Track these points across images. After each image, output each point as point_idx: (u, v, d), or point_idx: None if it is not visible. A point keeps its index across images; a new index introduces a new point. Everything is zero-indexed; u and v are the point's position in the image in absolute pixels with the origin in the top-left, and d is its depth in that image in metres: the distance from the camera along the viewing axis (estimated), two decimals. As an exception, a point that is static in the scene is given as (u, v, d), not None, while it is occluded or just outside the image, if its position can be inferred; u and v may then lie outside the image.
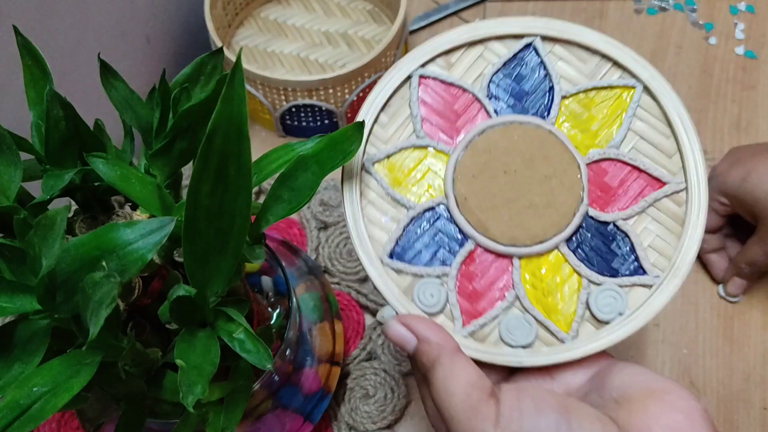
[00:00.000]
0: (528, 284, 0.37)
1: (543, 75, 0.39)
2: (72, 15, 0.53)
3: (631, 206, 0.37)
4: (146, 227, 0.28)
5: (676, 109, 0.38)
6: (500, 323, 0.37)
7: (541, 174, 0.37)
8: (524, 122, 0.38)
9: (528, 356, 0.36)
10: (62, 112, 0.32)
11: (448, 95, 0.39)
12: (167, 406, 0.36)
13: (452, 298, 0.37)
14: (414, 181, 0.38)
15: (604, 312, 0.36)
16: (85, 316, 0.27)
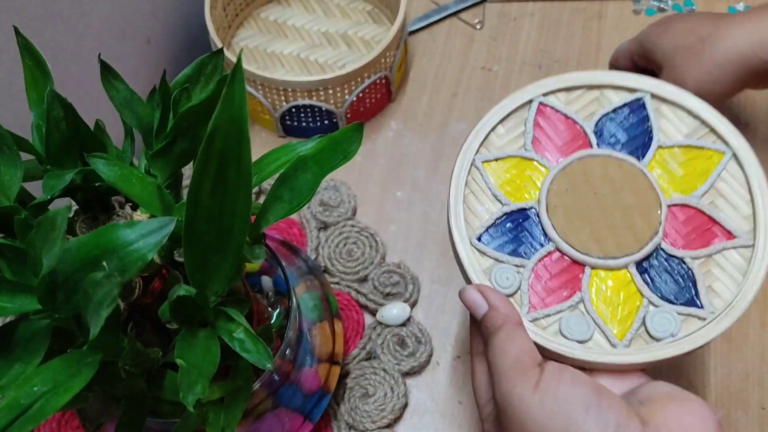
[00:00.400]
0: (594, 292, 0.41)
1: (646, 127, 0.44)
2: (73, 16, 0.53)
3: (699, 248, 0.41)
4: (147, 227, 0.28)
5: (758, 178, 0.42)
6: (562, 319, 0.40)
7: (626, 203, 0.42)
8: (620, 158, 0.43)
9: (581, 351, 0.39)
10: (63, 112, 0.32)
11: (560, 123, 0.45)
12: (167, 405, 0.36)
13: (524, 287, 0.41)
14: (514, 185, 0.43)
15: (658, 330, 0.39)
16: (86, 316, 0.27)
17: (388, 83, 0.65)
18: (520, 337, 0.37)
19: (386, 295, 0.57)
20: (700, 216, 0.42)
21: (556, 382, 0.35)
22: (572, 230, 0.41)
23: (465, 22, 0.73)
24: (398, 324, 0.56)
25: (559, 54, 0.70)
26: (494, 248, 0.42)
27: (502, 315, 0.38)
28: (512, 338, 0.37)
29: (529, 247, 0.42)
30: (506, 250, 0.42)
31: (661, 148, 0.43)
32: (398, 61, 0.65)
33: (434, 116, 0.67)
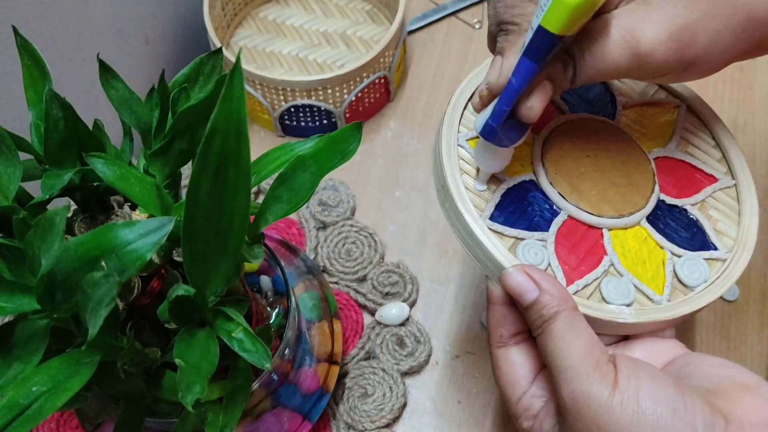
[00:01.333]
0: (620, 253, 0.40)
1: (604, 89, 0.45)
2: (71, 15, 0.53)
3: (693, 195, 0.42)
4: (145, 227, 0.28)
5: (718, 122, 0.44)
6: (601, 284, 0.39)
7: (619, 160, 0.41)
8: (598, 119, 0.43)
9: (631, 314, 0.37)
10: (61, 112, 0.32)
11: None
12: (166, 405, 0.36)
13: (554, 261, 0.39)
14: None
15: (692, 278, 0.40)
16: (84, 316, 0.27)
17: (387, 83, 0.65)
18: (584, 326, 0.34)
19: (385, 295, 0.57)
20: (682, 165, 0.43)
21: (636, 381, 0.32)
22: (580, 195, 0.40)
23: (464, 21, 0.73)
24: (397, 324, 0.56)
25: (558, 54, 0.70)
26: (511, 227, 0.39)
27: (558, 300, 0.34)
28: (576, 328, 0.33)
29: (542, 219, 0.40)
30: (521, 226, 0.40)
31: (625, 108, 0.44)
32: (397, 60, 0.65)
33: (433, 116, 0.67)
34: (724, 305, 0.57)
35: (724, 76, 0.68)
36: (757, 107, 0.66)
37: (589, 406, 0.32)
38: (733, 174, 0.43)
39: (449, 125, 0.41)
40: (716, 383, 0.34)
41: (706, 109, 0.45)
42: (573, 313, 0.34)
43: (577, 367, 0.32)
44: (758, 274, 0.58)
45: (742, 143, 0.64)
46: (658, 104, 0.45)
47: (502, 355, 0.37)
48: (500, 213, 0.40)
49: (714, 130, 0.44)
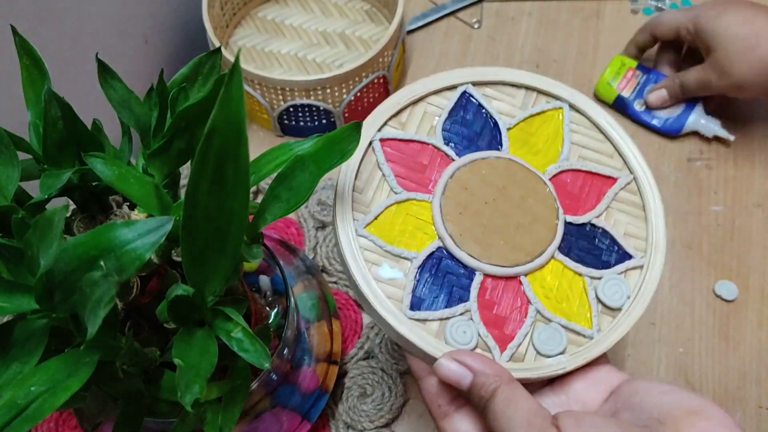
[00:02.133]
0: (541, 297, 0.40)
1: (484, 114, 0.43)
2: (70, 15, 0.53)
3: (597, 205, 0.42)
4: (144, 227, 0.28)
5: (602, 116, 0.44)
6: (533, 339, 0.39)
7: (517, 197, 0.41)
8: (486, 157, 0.42)
9: (569, 360, 0.38)
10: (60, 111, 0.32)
11: (410, 150, 0.42)
12: (165, 405, 0.36)
13: (482, 330, 0.38)
14: (407, 233, 0.40)
15: (615, 299, 0.40)
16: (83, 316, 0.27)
17: (386, 82, 0.65)
18: (522, 397, 0.34)
19: (384, 295, 0.57)
20: (579, 175, 0.43)
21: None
22: (490, 250, 0.39)
23: (463, 21, 0.73)
24: (396, 323, 0.56)
25: (557, 53, 0.70)
26: (430, 309, 0.38)
27: (493, 377, 0.34)
28: (513, 401, 0.34)
29: (460, 288, 0.39)
30: (442, 304, 0.39)
31: (510, 129, 0.43)
32: (396, 60, 0.65)
33: (432, 115, 0.67)
34: (723, 305, 0.57)
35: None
36: (756, 108, 0.66)
37: None
38: (630, 167, 0.43)
39: (342, 218, 0.39)
40: (665, 411, 0.34)
41: (588, 103, 0.44)
42: (509, 387, 0.34)
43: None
44: (757, 274, 0.58)
45: (741, 143, 0.64)
46: (542, 114, 0.44)
47: (447, 425, 0.37)
48: (419, 296, 0.39)
49: (599, 125, 0.44)
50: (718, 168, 0.63)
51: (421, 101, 0.43)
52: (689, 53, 0.66)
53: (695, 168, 0.64)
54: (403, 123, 0.42)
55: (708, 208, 0.62)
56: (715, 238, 0.60)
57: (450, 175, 0.41)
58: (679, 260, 0.59)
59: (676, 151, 0.65)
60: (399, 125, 0.42)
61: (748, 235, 0.60)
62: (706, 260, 0.59)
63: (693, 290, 0.58)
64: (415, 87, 0.43)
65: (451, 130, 0.42)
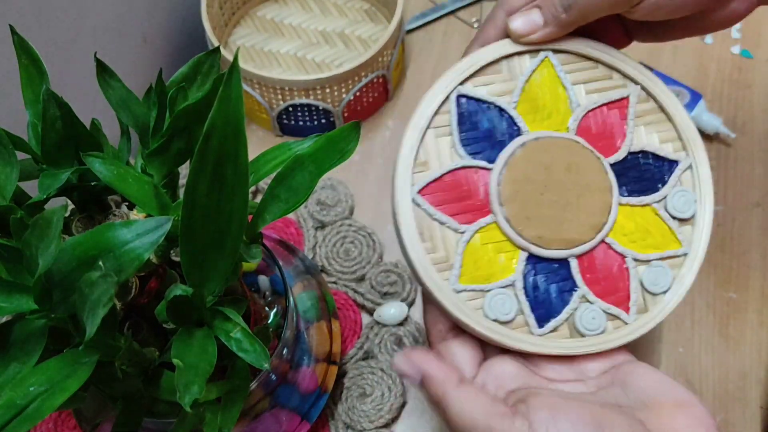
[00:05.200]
0: (629, 245, 0.40)
1: (486, 107, 0.41)
2: (68, 14, 0.53)
3: (625, 133, 0.42)
4: (143, 227, 0.28)
5: (584, 45, 0.42)
6: (645, 286, 0.40)
7: (562, 170, 0.40)
8: (513, 151, 0.40)
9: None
10: (59, 111, 0.32)
11: (446, 185, 0.40)
12: (164, 405, 0.36)
13: (603, 306, 0.39)
14: (494, 263, 0.39)
15: (686, 210, 0.41)
16: (82, 316, 0.27)
17: (386, 82, 0.65)
18: (472, 397, 0.34)
19: (384, 295, 0.57)
20: (596, 113, 0.42)
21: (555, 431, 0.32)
22: (568, 233, 0.39)
23: (462, 20, 0.73)
24: (396, 323, 0.56)
25: (557, 53, 0.70)
26: (557, 317, 0.39)
27: (440, 381, 0.35)
28: (465, 403, 0.34)
29: (563, 280, 0.40)
30: (560, 306, 0.39)
31: (516, 106, 0.41)
32: (395, 59, 0.65)
33: (431, 115, 0.67)
34: (723, 304, 0.57)
35: (722, 75, 0.68)
36: (756, 107, 0.66)
37: None
38: (631, 78, 0.42)
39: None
40: (653, 397, 0.35)
41: (567, 42, 0.41)
42: (458, 390, 0.34)
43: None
44: (758, 273, 0.58)
45: (741, 143, 0.64)
46: (532, 75, 0.41)
47: (443, 348, 0.38)
48: (540, 313, 0.39)
49: (587, 54, 0.42)
50: (718, 168, 0.63)
51: (428, 131, 0.40)
52: None
53: (695, 168, 0.63)
54: (423, 163, 0.40)
55: (708, 207, 0.62)
56: (715, 238, 0.60)
57: (496, 185, 0.39)
58: (679, 260, 0.59)
59: (675, 150, 0.64)
60: (422, 167, 0.40)
61: (748, 235, 0.60)
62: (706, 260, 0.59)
63: (693, 290, 0.58)
64: (417, 122, 0.40)
65: (470, 142, 0.40)
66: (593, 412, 0.33)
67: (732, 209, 0.61)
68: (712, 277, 0.58)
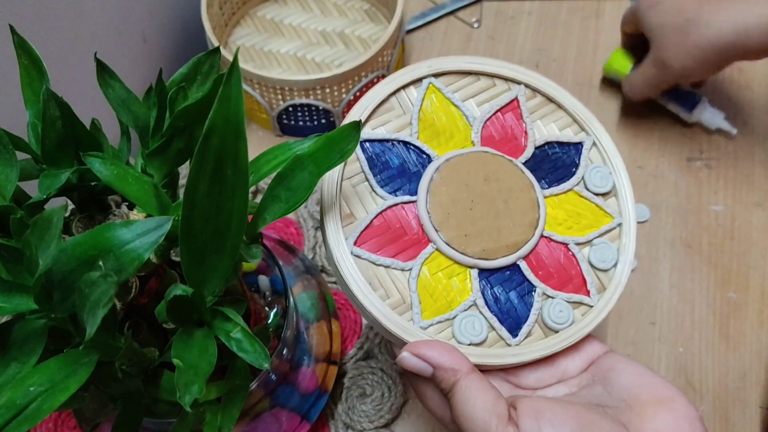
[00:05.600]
0: (566, 232, 0.41)
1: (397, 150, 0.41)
2: (68, 14, 0.53)
3: (525, 128, 0.43)
4: (143, 227, 0.28)
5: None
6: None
7: (481, 182, 0.40)
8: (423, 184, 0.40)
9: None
10: (59, 111, 0.32)
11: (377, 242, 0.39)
12: (164, 405, 0.36)
13: (564, 297, 0.40)
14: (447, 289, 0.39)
15: (603, 184, 0.42)
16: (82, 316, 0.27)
17: (386, 82, 0.65)
18: (479, 393, 0.34)
19: (384, 295, 0.57)
20: (490, 120, 0.43)
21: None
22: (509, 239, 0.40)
23: (462, 20, 0.73)
24: (396, 323, 0.56)
25: (557, 52, 0.70)
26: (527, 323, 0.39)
27: (450, 371, 0.35)
28: (471, 399, 0.34)
29: (519, 285, 0.40)
30: (525, 312, 0.39)
31: (419, 136, 0.42)
32: (395, 59, 0.65)
33: (431, 115, 0.67)
34: (723, 305, 0.57)
35: (722, 75, 0.68)
36: (756, 107, 0.66)
37: None
38: (514, 80, 0.44)
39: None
40: (634, 396, 0.35)
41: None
42: (467, 381, 0.35)
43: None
44: (758, 273, 0.58)
45: (741, 143, 0.64)
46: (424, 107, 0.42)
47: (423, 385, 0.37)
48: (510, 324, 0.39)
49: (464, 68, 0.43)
50: (718, 168, 0.63)
51: (343, 183, 0.40)
52: None
53: (695, 167, 0.63)
54: (349, 215, 0.39)
55: (708, 207, 0.62)
56: (715, 238, 0.60)
57: (426, 214, 0.39)
58: (679, 260, 0.59)
59: (675, 150, 0.64)
60: (349, 219, 0.39)
61: (748, 235, 0.60)
62: (706, 260, 0.59)
63: (693, 290, 0.58)
64: (330, 177, 0.39)
65: (387, 182, 0.40)
66: (578, 414, 0.33)
67: (732, 209, 0.61)
68: (712, 277, 0.58)
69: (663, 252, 0.60)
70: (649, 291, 0.58)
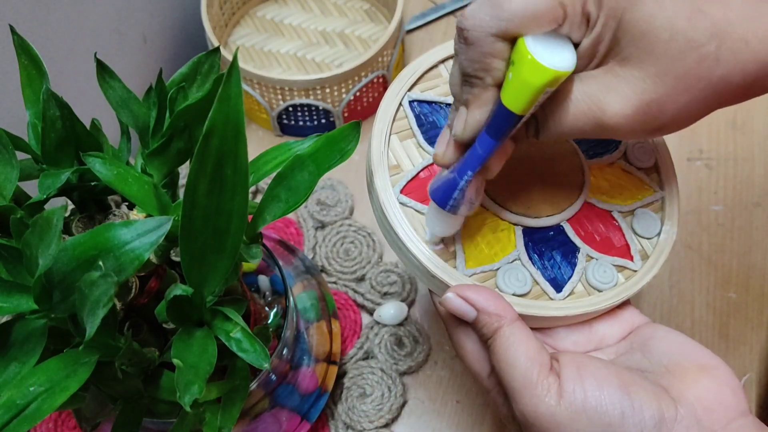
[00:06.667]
0: (613, 200, 0.42)
1: (437, 107, 0.43)
2: (68, 14, 0.53)
3: None
4: (143, 227, 0.28)
5: None
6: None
7: (542, 152, 0.41)
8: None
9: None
10: (59, 111, 0.32)
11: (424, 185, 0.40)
12: (164, 405, 0.36)
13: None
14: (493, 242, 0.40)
15: (645, 159, 0.43)
16: (82, 316, 0.27)
17: (386, 82, 0.65)
18: (523, 341, 0.34)
19: (384, 295, 0.57)
20: None
21: (581, 389, 0.32)
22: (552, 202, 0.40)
23: (462, 21, 0.73)
24: (395, 323, 0.56)
25: (557, 53, 0.70)
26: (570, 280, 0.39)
27: (495, 316, 0.35)
28: (514, 346, 0.34)
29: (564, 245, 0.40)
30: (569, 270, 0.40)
31: None
32: (395, 59, 0.65)
33: (431, 115, 0.67)
34: (723, 305, 0.57)
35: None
36: (756, 107, 0.66)
37: (539, 422, 0.32)
38: None
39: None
40: (675, 362, 0.35)
41: None
42: (510, 328, 0.34)
43: (521, 388, 0.33)
44: (758, 273, 0.58)
45: (740, 143, 0.64)
46: None
47: (455, 335, 0.38)
48: (551, 278, 0.39)
49: None
50: (718, 168, 0.63)
51: (391, 137, 0.41)
52: None
53: (695, 168, 0.63)
54: (396, 166, 0.40)
55: (708, 208, 0.62)
56: (715, 238, 0.60)
57: None
58: (679, 260, 0.59)
59: (675, 150, 0.64)
60: (396, 170, 0.40)
61: (748, 235, 0.60)
62: (706, 260, 0.59)
63: (693, 290, 0.58)
64: (380, 129, 0.40)
65: (434, 139, 0.41)
66: (618, 373, 0.33)
67: (732, 209, 0.61)
68: (712, 277, 0.58)
69: (663, 252, 0.60)
70: (649, 291, 0.58)
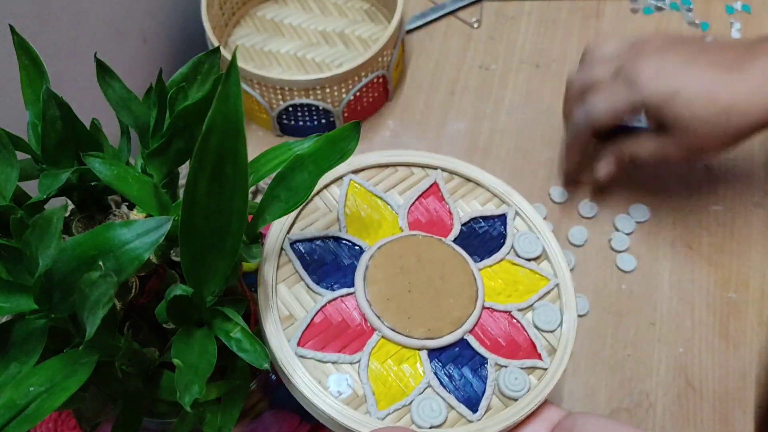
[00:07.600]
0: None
1: (335, 248, 0.42)
2: (68, 14, 0.53)
3: (450, 209, 0.45)
4: (143, 227, 0.28)
5: None
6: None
7: (415, 263, 0.41)
8: (350, 291, 0.40)
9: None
10: (59, 111, 0.32)
11: (322, 338, 0.39)
12: (164, 405, 0.36)
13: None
14: (398, 376, 0.39)
15: (531, 250, 0.43)
16: (82, 316, 0.27)
17: (386, 82, 0.65)
18: None
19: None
20: (417, 203, 0.45)
21: None
22: (450, 316, 0.40)
23: (462, 20, 0.73)
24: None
25: (557, 53, 0.70)
26: (484, 395, 0.38)
27: None
28: None
29: (474, 359, 0.40)
30: (481, 385, 0.39)
31: (348, 228, 0.43)
32: (395, 59, 0.65)
33: (431, 115, 0.67)
34: (723, 305, 0.57)
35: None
36: (756, 106, 0.66)
37: None
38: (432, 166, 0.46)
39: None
40: None
41: None
42: None
43: None
44: (757, 274, 0.58)
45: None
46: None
47: None
48: (465, 397, 0.38)
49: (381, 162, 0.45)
50: (718, 168, 0.63)
51: (278, 286, 0.40)
52: None
53: (695, 167, 0.63)
54: (288, 317, 0.39)
55: (708, 208, 0.62)
56: (715, 238, 0.60)
57: (366, 303, 0.39)
58: (679, 260, 0.59)
59: (675, 150, 0.64)
60: (289, 321, 0.39)
61: (748, 235, 0.60)
62: (706, 260, 0.59)
63: (693, 290, 0.58)
64: (265, 282, 0.39)
65: (322, 278, 0.40)
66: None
67: (732, 209, 0.61)
68: (712, 277, 0.58)
69: (663, 252, 0.59)
70: (649, 291, 0.58)
